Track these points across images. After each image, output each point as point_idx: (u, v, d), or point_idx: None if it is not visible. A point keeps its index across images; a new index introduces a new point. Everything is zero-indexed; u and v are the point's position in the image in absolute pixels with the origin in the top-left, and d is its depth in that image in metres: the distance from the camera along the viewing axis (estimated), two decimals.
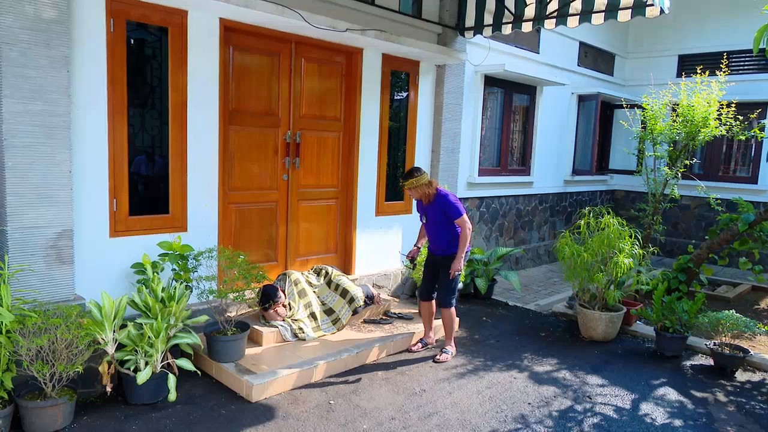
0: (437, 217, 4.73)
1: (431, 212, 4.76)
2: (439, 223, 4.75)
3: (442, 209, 4.70)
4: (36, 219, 3.66)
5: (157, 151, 4.48)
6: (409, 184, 4.68)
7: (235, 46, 4.88)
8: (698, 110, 6.26)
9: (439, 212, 4.72)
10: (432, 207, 4.74)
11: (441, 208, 4.70)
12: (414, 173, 4.68)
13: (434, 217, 4.75)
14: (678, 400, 4.29)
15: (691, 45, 9.82)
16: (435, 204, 4.72)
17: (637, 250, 5.41)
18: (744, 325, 4.93)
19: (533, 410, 4.02)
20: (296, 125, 5.42)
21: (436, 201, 4.71)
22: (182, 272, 4.30)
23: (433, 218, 4.77)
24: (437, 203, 4.71)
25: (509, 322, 6.01)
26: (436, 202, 4.72)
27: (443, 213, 4.70)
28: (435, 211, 4.73)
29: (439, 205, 4.70)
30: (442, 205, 4.70)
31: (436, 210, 4.73)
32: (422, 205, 4.85)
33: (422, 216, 4.93)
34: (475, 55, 7.14)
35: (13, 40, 3.46)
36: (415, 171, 4.70)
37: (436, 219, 4.75)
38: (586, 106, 9.48)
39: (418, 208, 4.97)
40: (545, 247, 9.35)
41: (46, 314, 3.41)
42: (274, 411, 3.79)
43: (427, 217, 4.83)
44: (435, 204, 4.72)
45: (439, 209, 4.71)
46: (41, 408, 3.32)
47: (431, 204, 4.74)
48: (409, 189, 4.72)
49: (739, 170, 9.68)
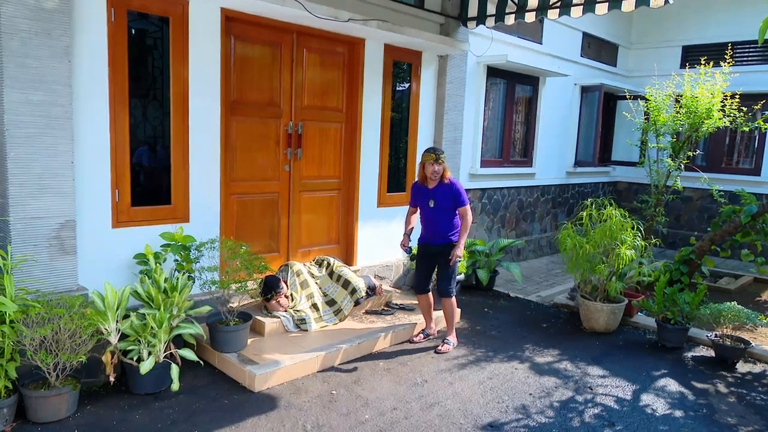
0: (445, 202, 4.66)
1: (439, 196, 4.67)
2: (445, 209, 4.68)
3: (452, 194, 4.65)
4: (38, 209, 3.67)
5: (159, 142, 4.47)
6: (432, 158, 4.56)
7: (236, 36, 4.86)
8: (702, 101, 6.24)
9: (448, 197, 4.65)
10: (441, 190, 4.67)
11: (451, 193, 4.65)
12: (438, 149, 4.63)
13: (442, 202, 4.67)
14: (679, 391, 4.31)
15: (695, 36, 9.75)
16: (446, 188, 4.65)
17: (639, 241, 5.41)
18: (745, 317, 4.93)
19: (534, 401, 4.03)
20: (298, 116, 5.41)
21: (448, 185, 4.65)
22: (184, 263, 4.31)
23: (440, 203, 4.68)
24: (448, 187, 4.65)
25: (511, 313, 6.02)
26: (447, 186, 4.65)
27: (452, 199, 4.65)
28: (444, 196, 4.66)
29: (450, 190, 4.64)
30: (452, 190, 4.64)
31: (445, 194, 4.66)
32: (425, 189, 4.74)
33: (422, 200, 4.78)
34: (478, 46, 7.10)
35: (14, 29, 3.45)
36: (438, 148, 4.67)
37: (443, 204, 4.67)
38: (589, 98, 9.44)
39: (414, 192, 4.87)
40: (547, 238, 9.35)
41: (49, 304, 3.43)
42: (277, 401, 3.81)
43: (434, 201, 4.69)
44: (446, 188, 4.65)
45: (449, 194, 4.65)
46: (45, 397, 3.35)
47: (440, 186, 4.66)
48: (433, 164, 4.57)
49: (742, 162, 9.64)
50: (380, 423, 3.60)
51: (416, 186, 4.87)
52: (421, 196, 4.81)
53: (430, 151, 4.64)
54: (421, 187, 4.81)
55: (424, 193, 4.78)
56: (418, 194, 4.84)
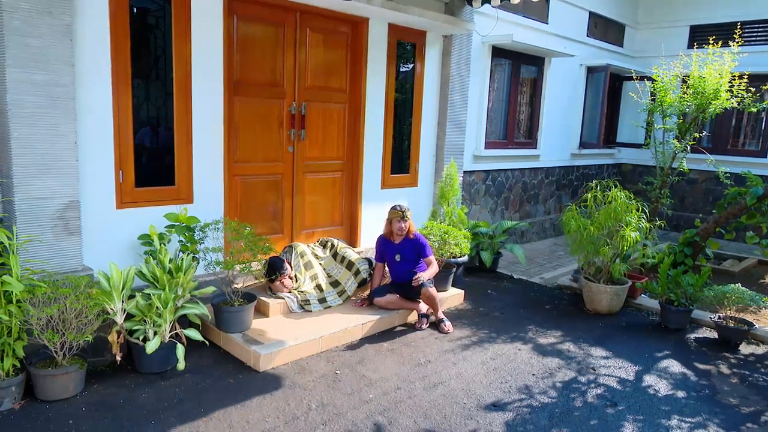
0: (411, 255, 5.00)
1: (405, 250, 5.00)
2: (410, 261, 5.01)
3: (417, 249, 4.99)
4: (43, 190, 3.67)
5: (162, 123, 4.45)
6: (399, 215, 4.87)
7: (239, 15, 4.80)
8: (709, 82, 6.16)
9: (412, 251, 5.00)
10: (407, 246, 4.99)
11: (416, 247, 4.99)
12: (404, 207, 4.96)
13: (408, 256, 5.00)
14: (681, 372, 4.33)
15: (703, 15, 9.61)
16: (411, 243, 4.99)
17: (644, 223, 5.39)
18: (749, 299, 4.94)
19: (537, 381, 4.06)
20: (301, 96, 5.37)
21: (413, 240, 4.99)
22: (189, 244, 4.32)
23: (406, 256, 5.00)
24: (413, 242, 4.99)
25: (514, 295, 6.03)
26: (412, 241, 4.99)
27: (416, 252, 5.00)
28: (409, 250, 5.00)
29: (415, 245, 4.99)
30: (417, 244, 4.99)
31: (410, 249, 4.99)
32: (392, 244, 5.03)
33: (389, 255, 5.05)
34: (483, 26, 7.01)
35: (15, 7, 3.41)
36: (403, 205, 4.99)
37: (409, 257, 5.00)
38: (595, 78, 9.34)
39: (381, 247, 5.11)
40: (551, 220, 9.33)
41: (55, 284, 3.45)
42: (281, 380, 3.85)
43: (400, 256, 5.00)
44: (411, 243, 4.99)
45: (414, 248, 4.99)
46: (53, 376, 3.38)
47: (406, 242, 4.99)
48: (400, 221, 4.90)
49: (748, 144, 9.57)
50: (384, 402, 3.63)
51: (383, 240, 5.12)
52: (388, 251, 5.08)
53: (396, 208, 4.95)
54: (387, 241, 5.08)
55: (390, 248, 5.06)
56: (386, 250, 5.10)
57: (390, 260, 5.10)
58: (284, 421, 3.36)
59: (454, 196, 6.20)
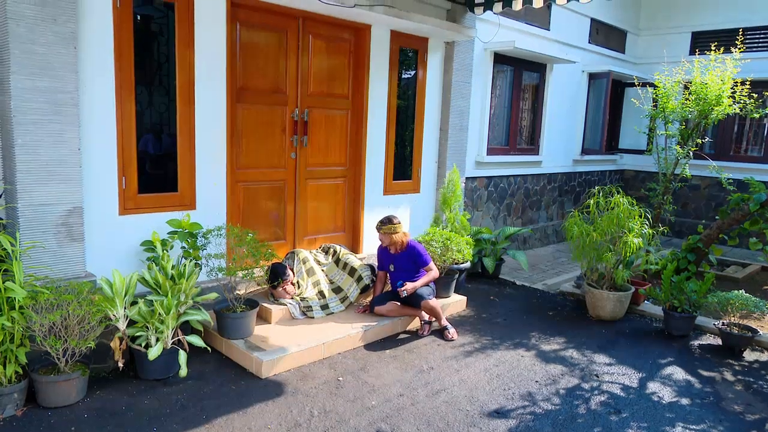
0: (407, 265, 4.99)
1: (401, 261, 5.00)
2: (408, 270, 5.00)
3: (413, 258, 4.98)
4: (46, 196, 3.68)
5: (165, 129, 4.46)
6: (387, 229, 4.90)
7: (242, 22, 4.82)
8: (712, 88, 6.16)
9: (409, 261, 4.99)
10: (403, 256, 4.99)
11: (412, 257, 4.98)
12: (393, 220, 4.95)
13: (404, 266, 5.00)
14: (685, 379, 4.30)
15: (705, 21, 9.62)
16: (406, 254, 4.98)
17: (647, 229, 5.38)
18: (753, 305, 4.92)
19: (540, 388, 4.04)
20: (304, 103, 5.38)
21: (407, 251, 4.98)
22: (191, 250, 4.32)
23: (402, 266, 5.00)
24: (408, 253, 4.98)
25: (517, 301, 6.02)
26: (406, 252, 4.98)
27: (413, 262, 4.98)
28: (405, 261, 4.99)
29: (410, 255, 4.98)
30: (412, 254, 4.97)
31: (406, 259, 4.99)
32: (389, 254, 5.05)
33: (386, 265, 5.09)
34: (485, 32, 7.04)
35: (20, 15, 3.44)
36: (393, 218, 4.98)
37: (406, 267, 5.00)
38: (597, 85, 9.35)
39: (381, 256, 5.15)
40: (553, 226, 9.32)
41: (57, 290, 3.45)
42: (284, 387, 3.84)
43: (395, 266, 5.02)
44: (406, 254, 4.98)
45: (409, 259, 4.98)
46: (55, 382, 3.38)
47: (402, 253, 4.99)
48: (386, 234, 4.91)
49: (750, 149, 9.56)
50: (387, 409, 3.62)
51: (381, 249, 5.16)
52: (387, 260, 5.11)
53: (384, 222, 4.96)
54: (385, 251, 5.11)
55: (388, 258, 5.09)
56: (384, 259, 5.13)
57: (388, 270, 5.12)
58: (286, 428, 3.35)
59: (457, 202, 6.21)
